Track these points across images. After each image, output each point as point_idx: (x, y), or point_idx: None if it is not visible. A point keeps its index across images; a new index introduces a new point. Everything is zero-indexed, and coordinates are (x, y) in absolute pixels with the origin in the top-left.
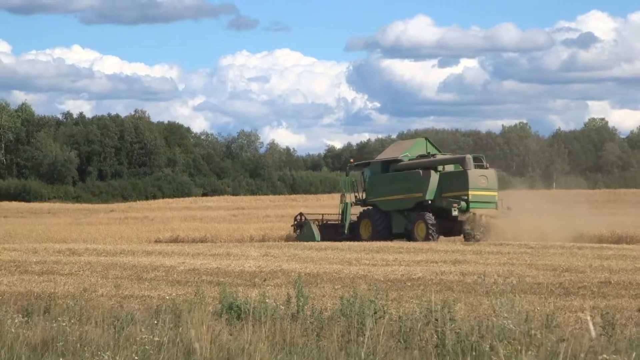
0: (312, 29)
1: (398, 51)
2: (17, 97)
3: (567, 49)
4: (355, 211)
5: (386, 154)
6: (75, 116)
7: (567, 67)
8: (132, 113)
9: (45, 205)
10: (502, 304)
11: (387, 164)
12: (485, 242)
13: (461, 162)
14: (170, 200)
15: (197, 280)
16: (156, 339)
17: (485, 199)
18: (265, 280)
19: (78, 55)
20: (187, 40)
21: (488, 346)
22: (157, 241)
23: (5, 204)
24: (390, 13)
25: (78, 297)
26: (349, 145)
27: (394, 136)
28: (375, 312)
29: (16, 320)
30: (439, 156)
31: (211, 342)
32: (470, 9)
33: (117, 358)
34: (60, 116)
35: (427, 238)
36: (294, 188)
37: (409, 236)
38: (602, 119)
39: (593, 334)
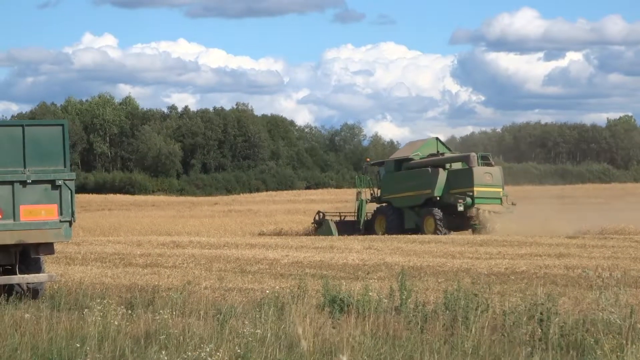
0: (417, 22)
1: (503, 44)
2: (123, 90)
3: None
4: (370, 208)
5: (399, 153)
6: (180, 109)
7: None
8: (235, 106)
9: (150, 198)
10: (607, 297)
11: (400, 163)
12: (590, 236)
13: (466, 160)
14: (273, 193)
15: (300, 273)
16: (259, 331)
17: (490, 195)
18: (368, 273)
19: (184, 49)
20: (293, 33)
21: (593, 340)
22: (261, 234)
23: (111, 197)
24: (496, 6)
25: (181, 290)
26: (453, 138)
27: (498, 129)
28: (479, 306)
29: (120, 313)
30: (448, 155)
31: (314, 335)
32: (577, 1)
33: (220, 351)
34: (165, 109)
35: (435, 232)
36: None
37: (420, 231)
38: None
39: None
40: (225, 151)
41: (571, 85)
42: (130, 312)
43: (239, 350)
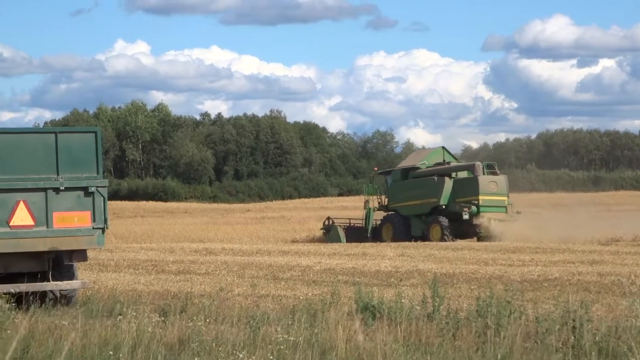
0: (450, 29)
1: (535, 51)
2: (156, 97)
3: None
4: (378, 216)
5: (406, 162)
6: (213, 116)
7: None
8: (268, 113)
9: (182, 205)
10: None
11: (407, 172)
12: (623, 243)
13: (471, 169)
14: (306, 200)
15: (333, 280)
16: (291, 338)
17: (495, 203)
18: (401, 280)
19: (216, 56)
20: (325, 40)
21: (626, 347)
22: (294, 241)
23: (143, 204)
24: (528, 12)
25: (214, 297)
26: (485, 145)
27: (533, 136)
28: (512, 313)
29: (153, 320)
30: (453, 164)
31: (346, 342)
32: (610, 8)
33: (253, 358)
34: (198, 116)
35: (442, 240)
36: None
37: (426, 239)
38: None
39: None
40: (258, 158)
41: (604, 92)
42: (163, 319)
43: (271, 357)
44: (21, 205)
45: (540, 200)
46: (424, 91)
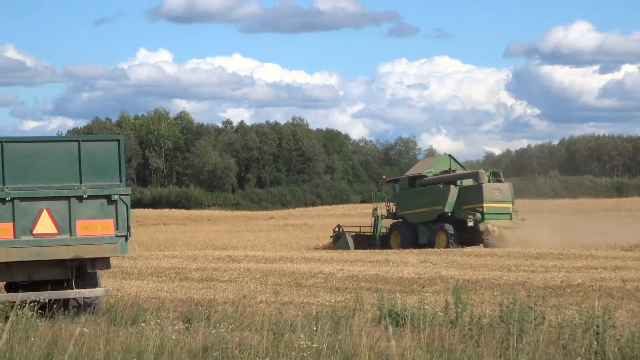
0: (472, 36)
1: (558, 57)
2: (178, 105)
3: None
4: (386, 223)
5: (413, 170)
6: (235, 124)
7: None
8: (290, 120)
9: (205, 213)
10: None
11: (414, 180)
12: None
13: (475, 176)
14: (329, 207)
15: (355, 287)
16: (315, 345)
17: (500, 210)
18: (423, 286)
19: (239, 64)
20: (347, 48)
21: None
22: (316, 248)
23: (166, 212)
24: (550, 19)
25: (237, 304)
26: (508, 151)
27: (555, 142)
28: (535, 319)
29: (177, 327)
30: (459, 171)
31: (370, 349)
32: (632, 14)
33: None
34: (220, 124)
35: (447, 247)
36: None
37: (432, 246)
38: None
39: None
40: (280, 165)
41: (626, 97)
42: (187, 326)
43: None
44: (44, 213)
45: (563, 206)
46: (446, 98)
